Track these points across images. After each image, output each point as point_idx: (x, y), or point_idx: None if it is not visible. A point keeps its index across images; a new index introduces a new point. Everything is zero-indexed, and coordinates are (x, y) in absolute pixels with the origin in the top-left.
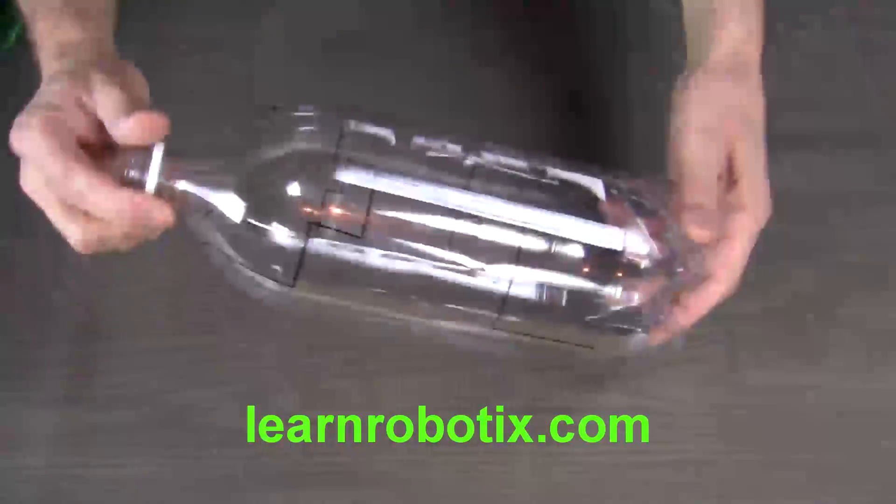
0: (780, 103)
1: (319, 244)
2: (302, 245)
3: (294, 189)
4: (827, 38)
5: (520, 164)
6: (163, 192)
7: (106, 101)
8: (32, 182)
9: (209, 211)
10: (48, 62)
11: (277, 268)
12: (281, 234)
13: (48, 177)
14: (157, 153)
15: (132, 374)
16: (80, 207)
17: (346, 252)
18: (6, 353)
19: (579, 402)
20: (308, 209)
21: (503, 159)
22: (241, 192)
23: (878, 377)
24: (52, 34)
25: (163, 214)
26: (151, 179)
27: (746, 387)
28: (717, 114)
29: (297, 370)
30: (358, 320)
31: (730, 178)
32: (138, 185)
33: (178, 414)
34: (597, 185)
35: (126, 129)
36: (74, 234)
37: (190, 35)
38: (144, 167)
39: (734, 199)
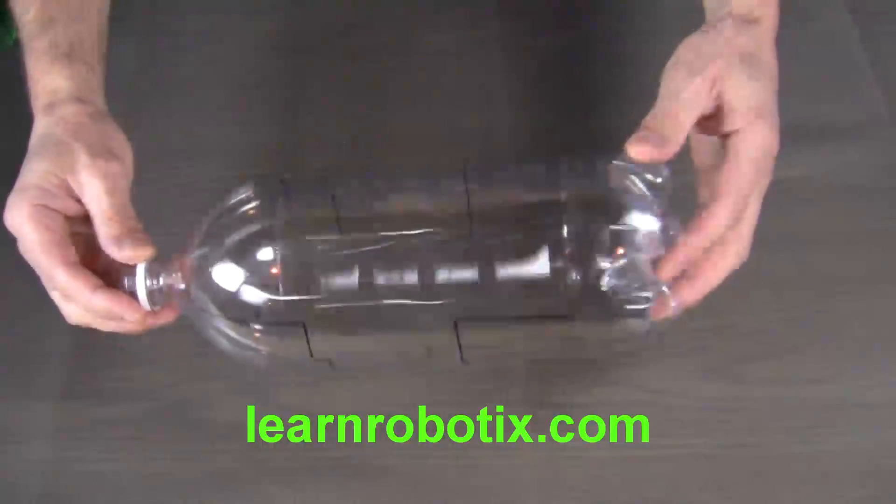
0: (781, 94)
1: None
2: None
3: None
4: (829, 29)
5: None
6: (156, 297)
7: (91, 201)
8: (27, 255)
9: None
10: (37, 111)
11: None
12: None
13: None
14: (141, 274)
15: (133, 368)
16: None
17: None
18: (7, 347)
19: (579, 396)
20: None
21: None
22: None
23: (879, 369)
24: (41, 79)
25: (134, 316)
26: (142, 296)
27: (746, 379)
28: (704, 52)
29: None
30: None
31: (723, 115)
32: (132, 294)
33: (179, 408)
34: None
35: (114, 255)
36: (65, 311)
37: (190, 27)
38: (133, 280)
39: (728, 138)
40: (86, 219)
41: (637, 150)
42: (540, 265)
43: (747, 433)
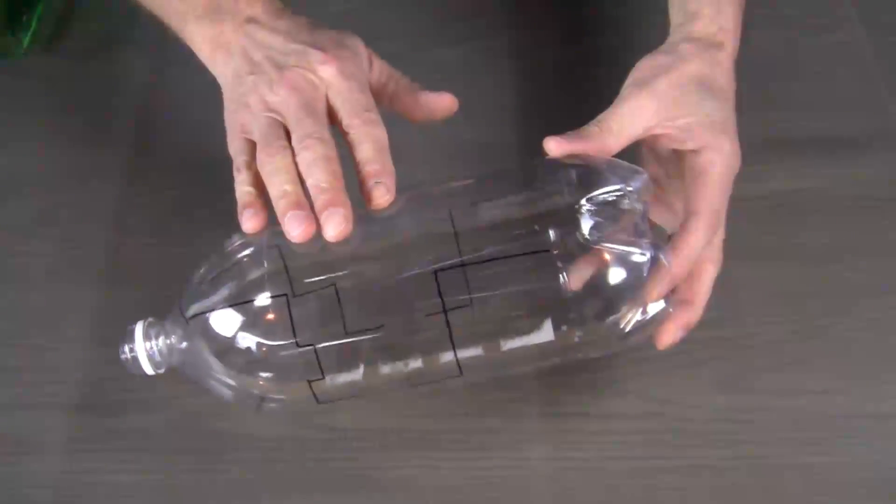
0: (794, 107)
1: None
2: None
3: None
4: (836, 41)
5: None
6: (157, 360)
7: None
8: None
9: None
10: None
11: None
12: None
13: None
14: (139, 337)
15: (144, 379)
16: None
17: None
18: (19, 359)
19: (593, 407)
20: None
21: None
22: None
23: (890, 381)
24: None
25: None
26: (143, 360)
27: (758, 391)
28: (655, 71)
29: None
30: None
31: (682, 134)
32: (134, 363)
33: (194, 419)
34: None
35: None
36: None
37: None
38: (132, 344)
39: (693, 155)
40: None
41: (549, 143)
42: (533, 280)
43: (758, 444)
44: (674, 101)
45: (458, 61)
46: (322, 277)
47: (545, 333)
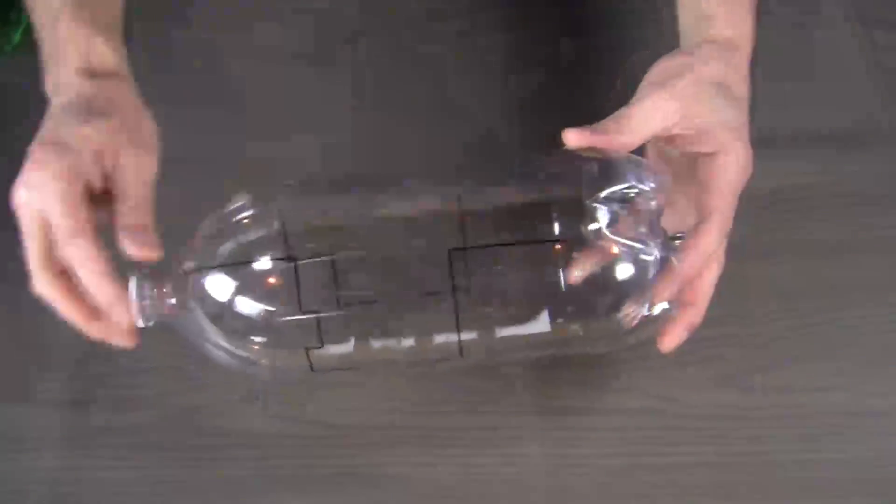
0: (790, 103)
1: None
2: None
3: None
4: (829, 37)
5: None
6: (147, 312)
7: (125, 185)
8: (28, 208)
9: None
10: (70, 70)
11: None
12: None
13: (53, 224)
14: (132, 289)
15: (141, 375)
16: (65, 265)
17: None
18: (14, 355)
19: (590, 403)
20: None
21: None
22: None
23: (887, 378)
24: (82, 42)
25: (122, 327)
26: (134, 312)
27: (756, 388)
28: (673, 72)
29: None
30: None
31: (698, 137)
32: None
33: (188, 415)
34: None
35: (127, 243)
36: (38, 278)
37: (192, 35)
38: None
39: (708, 158)
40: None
41: (568, 134)
42: (537, 267)
43: (756, 441)
44: (693, 100)
45: (452, 58)
46: (325, 246)
47: (542, 323)
